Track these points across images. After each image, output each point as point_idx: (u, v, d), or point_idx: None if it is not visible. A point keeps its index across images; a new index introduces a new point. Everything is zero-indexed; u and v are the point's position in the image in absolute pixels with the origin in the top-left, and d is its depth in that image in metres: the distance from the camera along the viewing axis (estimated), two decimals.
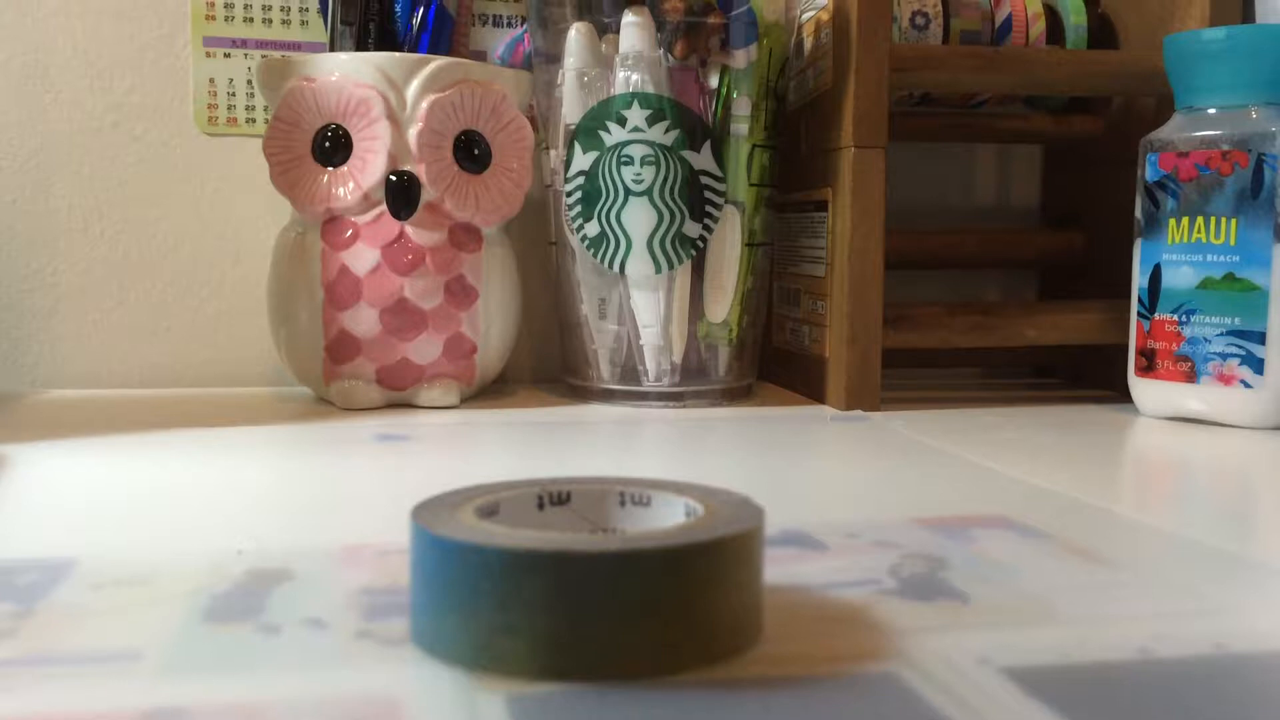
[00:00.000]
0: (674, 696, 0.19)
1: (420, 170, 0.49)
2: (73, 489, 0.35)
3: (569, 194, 0.52)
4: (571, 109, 0.51)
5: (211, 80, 0.57)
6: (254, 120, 0.58)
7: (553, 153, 0.54)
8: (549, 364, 0.61)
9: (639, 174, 0.50)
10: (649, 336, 0.52)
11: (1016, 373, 0.67)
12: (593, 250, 0.52)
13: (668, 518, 0.24)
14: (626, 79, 0.50)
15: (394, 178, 0.49)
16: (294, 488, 0.35)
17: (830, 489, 0.36)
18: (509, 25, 0.60)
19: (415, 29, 0.52)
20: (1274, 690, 0.20)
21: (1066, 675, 0.20)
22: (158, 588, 0.25)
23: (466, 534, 0.21)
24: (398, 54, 0.50)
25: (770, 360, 0.61)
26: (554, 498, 0.25)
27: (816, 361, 0.54)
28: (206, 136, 0.58)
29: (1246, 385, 0.47)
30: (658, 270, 0.51)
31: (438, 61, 0.50)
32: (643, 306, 0.52)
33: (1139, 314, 0.51)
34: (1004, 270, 0.68)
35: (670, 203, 0.51)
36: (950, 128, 0.62)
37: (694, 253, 0.51)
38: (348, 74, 0.49)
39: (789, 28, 0.56)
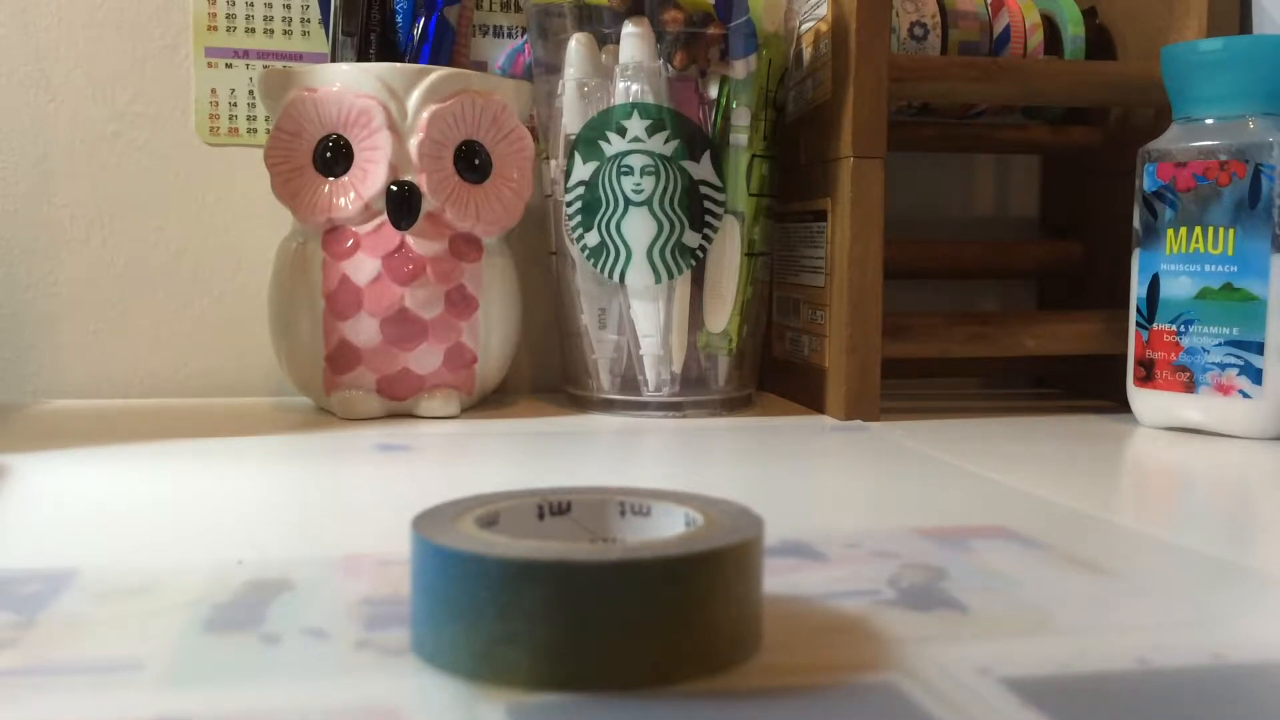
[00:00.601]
0: (674, 707, 0.19)
1: (421, 180, 0.49)
2: (74, 499, 0.35)
3: (569, 204, 0.52)
4: (571, 119, 0.52)
5: (213, 90, 0.58)
6: (255, 130, 0.58)
7: (553, 163, 0.54)
8: (549, 374, 0.61)
9: (639, 184, 0.50)
10: (649, 346, 0.52)
11: (1016, 383, 0.67)
12: (593, 260, 0.52)
13: (668, 528, 0.24)
14: (626, 89, 0.50)
15: (395, 188, 0.49)
16: (294, 498, 0.35)
17: (830, 499, 0.36)
18: (509, 36, 0.60)
19: (416, 39, 0.53)
20: (1272, 700, 0.20)
21: (1065, 685, 0.20)
22: (159, 598, 0.25)
23: (467, 544, 0.21)
24: (399, 64, 0.50)
25: (770, 370, 0.61)
26: (554, 508, 0.25)
27: (816, 371, 0.54)
28: (208, 146, 0.58)
29: (1245, 395, 0.47)
30: (657, 280, 0.51)
31: (438, 72, 0.50)
32: (642, 316, 0.52)
33: (1137, 324, 0.51)
34: (1003, 280, 0.68)
35: (670, 213, 0.51)
36: (949, 138, 0.62)
37: (693, 263, 0.52)
38: (349, 84, 0.49)
39: (788, 38, 0.56)
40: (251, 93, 0.58)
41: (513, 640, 0.20)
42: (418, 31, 0.53)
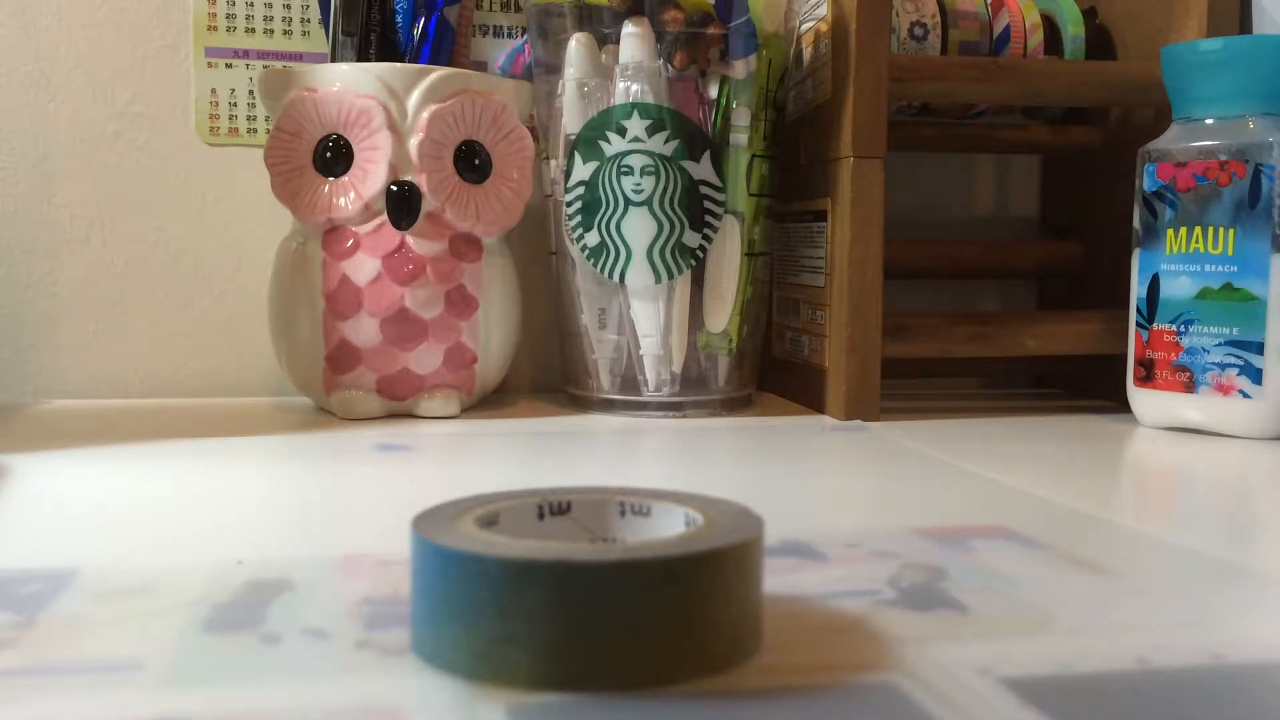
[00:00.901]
0: (674, 707, 0.19)
1: (421, 180, 0.49)
2: (74, 499, 0.35)
3: (569, 204, 0.52)
4: (571, 119, 0.52)
5: (213, 90, 0.58)
6: (255, 130, 0.58)
7: (553, 163, 0.54)
8: (549, 374, 0.61)
9: (639, 184, 0.50)
10: (649, 346, 0.52)
11: (1016, 383, 0.67)
12: (593, 260, 0.52)
13: (668, 528, 0.24)
14: (626, 89, 0.50)
15: (395, 188, 0.49)
16: (294, 498, 0.35)
17: (830, 499, 0.36)
18: (510, 36, 0.60)
19: (416, 39, 0.53)
20: (1272, 700, 0.20)
21: (1065, 685, 0.20)
22: (159, 598, 0.25)
23: (467, 544, 0.21)
24: (399, 64, 0.50)
25: (770, 370, 0.61)
26: (554, 508, 0.25)
27: (816, 371, 0.54)
28: (208, 146, 0.58)
29: (1245, 395, 0.47)
30: (657, 280, 0.51)
31: (438, 72, 0.50)
32: (642, 316, 0.52)
33: (1137, 324, 0.51)
34: (1003, 280, 0.68)
35: (670, 213, 0.51)
36: (949, 138, 0.62)
37: (693, 263, 0.52)
38: (349, 84, 0.49)
39: (788, 38, 0.56)
40: (251, 93, 0.58)
41: (513, 640, 0.20)
42: (418, 31, 0.53)
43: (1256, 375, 0.47)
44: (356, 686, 0.20)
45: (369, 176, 0.49)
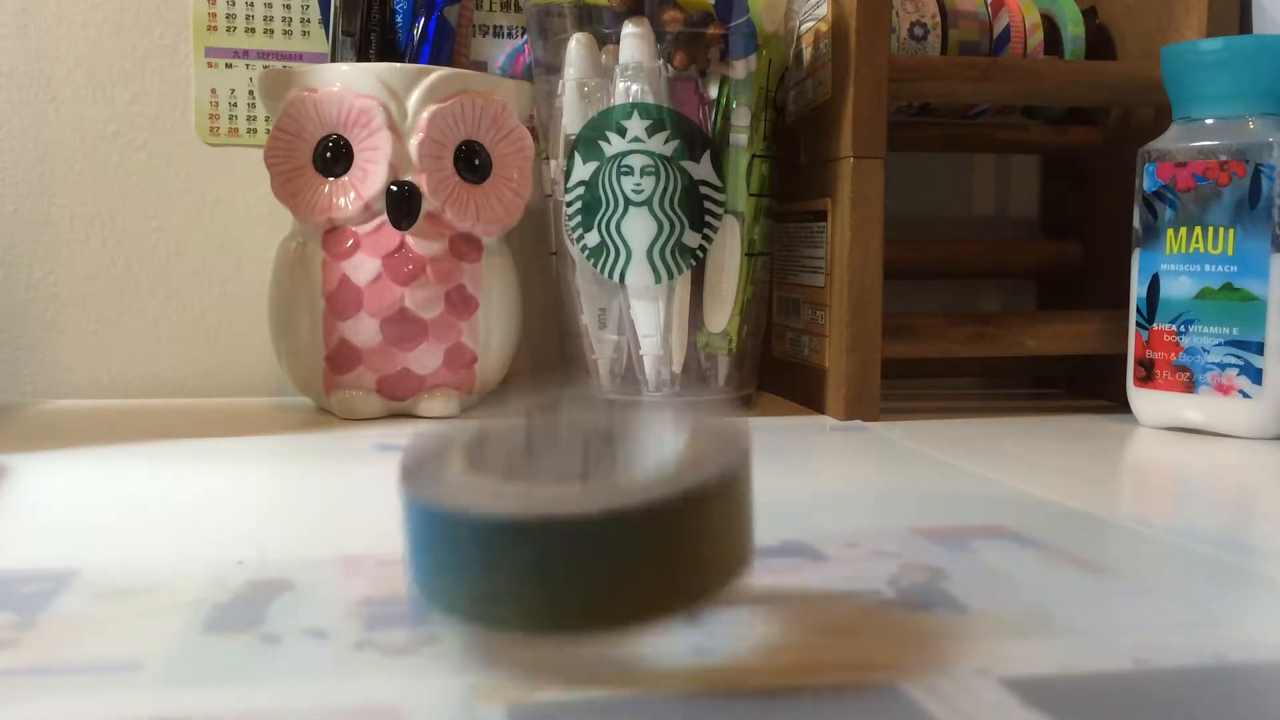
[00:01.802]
0: (674, 707, 0.19)
1: (421, 180, 0.49)
2: (74, 499, 0.35)
3: (569, 204, 0.52)
4: (571, 119, 0.52)
5: (213, 90, 0.58)
6: (255, 130, 0.58)
7: (553, 163, 0.54)
8: (549, 374, 0.61)
9: (639, 184, 0.50)
10: (649, 346, 0.52)
11: (1015, 383, 0.67)
12: (592, 260, 0.52)
13: (654, 450, 0.25)
14: (626, 89, 0.50)
15: (395, 188, 0.49)
16: (295, 498, 0.35)
17: (830, 499, 0.36)
18: (510, 36, 0.60)
19: (416, 39, 0.53)
20: (1272, 701, 0.20)
21: (1065, 686, 0.20)
22: (159, 598, 0.25)
23: (452, 498, 0.21)
24: (399, 64, 0.50)
25: (770, 370, 0.61)
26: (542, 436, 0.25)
27: (816, 371, 0.54)
28: (208, 146, 0.58)
29: (1245, 395, 0.47)
30: (657, 280, 0.51)
31: (438, 72, 0.50)
32: (642, 316, 0.52)
33: (1137, 324, 0.51)
34: (1003, 280, 0.68)
35: (670, 213, 0.51)
36: (949, 138, 0.63)
37: (693, 263, 0.52)
38: (349, 84, 0.49)
39: (788, 38, 0.56)
40: (251, 93, 0.58)
41: (499, 599, 0.20)
42: (418, 31, 0.53)
43: (1256, 375, 0.47)
44: (356, 686, 0.20)
45: (369, 176, 0.49)
